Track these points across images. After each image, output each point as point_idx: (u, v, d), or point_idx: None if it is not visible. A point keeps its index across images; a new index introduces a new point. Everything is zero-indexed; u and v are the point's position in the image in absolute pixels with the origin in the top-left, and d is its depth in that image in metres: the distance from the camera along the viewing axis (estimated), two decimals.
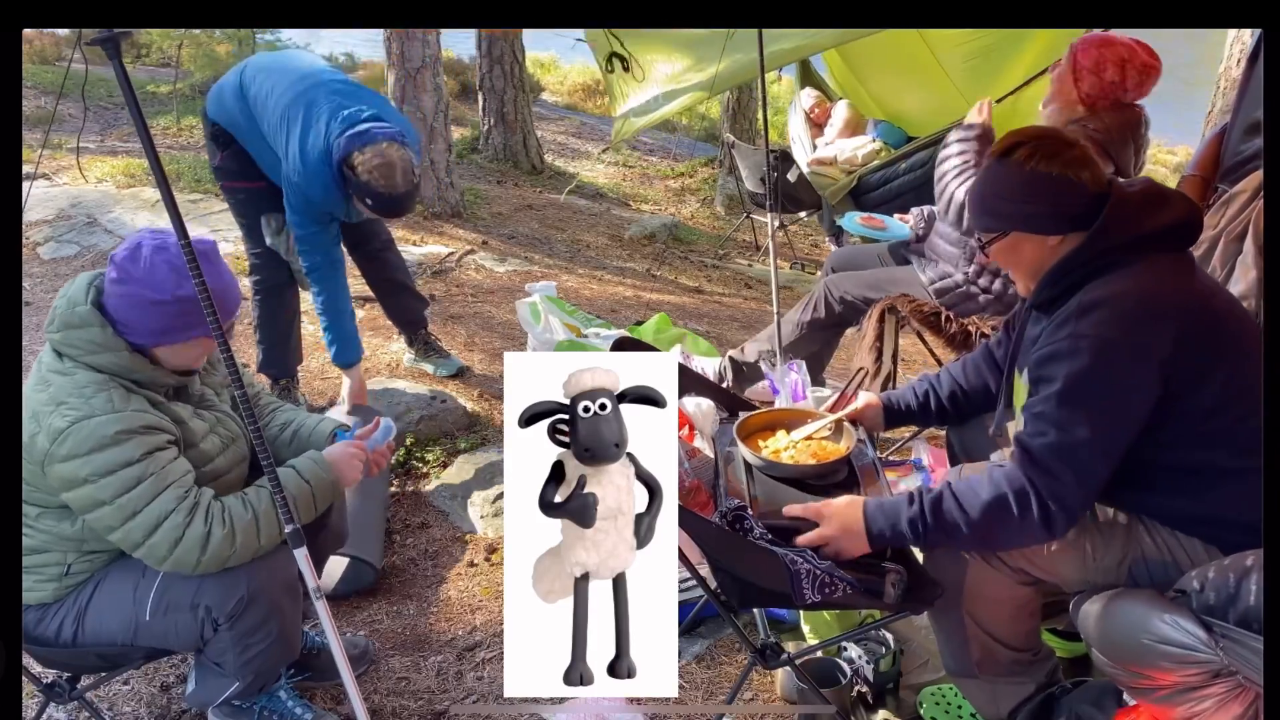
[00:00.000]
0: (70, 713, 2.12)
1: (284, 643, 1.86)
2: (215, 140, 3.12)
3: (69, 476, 1.67)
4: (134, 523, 1.69)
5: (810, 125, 6.31)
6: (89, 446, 1.66)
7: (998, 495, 1.60)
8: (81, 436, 1.66)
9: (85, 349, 1.73)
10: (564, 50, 12.98)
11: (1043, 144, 1.69)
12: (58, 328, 1.74)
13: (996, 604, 1.78)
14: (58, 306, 1.76)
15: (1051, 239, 1.71)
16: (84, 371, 1.72)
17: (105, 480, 1.67)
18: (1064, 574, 1.73)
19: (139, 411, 1.72)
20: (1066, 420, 1.57)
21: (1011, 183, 1.70)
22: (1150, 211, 1.65)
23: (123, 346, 1.74)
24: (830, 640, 2.19)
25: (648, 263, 6.12)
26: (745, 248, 7.10)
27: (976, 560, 1.75)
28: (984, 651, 1.82)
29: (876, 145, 5.76)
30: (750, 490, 1.85)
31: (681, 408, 2.07)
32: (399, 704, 2.18)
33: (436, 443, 3.23)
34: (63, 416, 1.67)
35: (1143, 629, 1.51)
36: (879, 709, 2.13)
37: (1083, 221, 1.67)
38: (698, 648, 2.35)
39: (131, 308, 1.73)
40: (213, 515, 1.72)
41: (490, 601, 2.57)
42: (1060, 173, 1.66)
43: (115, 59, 1.51)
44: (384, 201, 2.76)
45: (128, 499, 1.67)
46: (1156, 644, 1.49)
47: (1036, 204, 1.69)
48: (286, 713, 2.04)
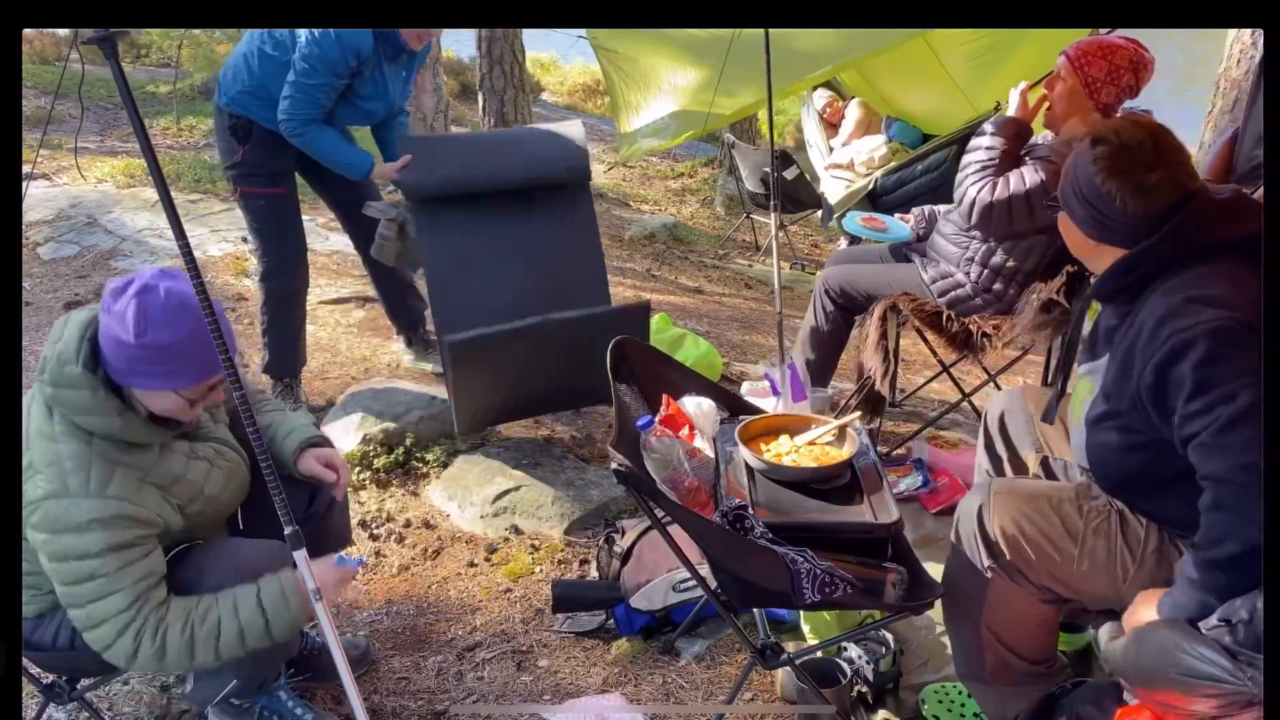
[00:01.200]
0: (70, 713, 2.12)
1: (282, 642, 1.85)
2: (235, 134, 3.10)
3: (34, 544, 1.65)
4: (75, 613, 1.66)
5: (824, 126, 6.30)
6: (55, 526, 1.62)
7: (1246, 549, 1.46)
8: (51, 514, 1.62)
9: (75, 409, 1.65)
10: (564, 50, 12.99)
11: (1123, 156, 1.64)
12: (48, 381, 1.66)
13: (1017, 619, 1.77)
14: (48, 357, 1.67)
15: (1090, 240, 1.72)
16: (70, 441, 1.65)
17: (59, 565, 1.63)
18: (1094, 593, 1.72)
19: (116, 499, 1.65)
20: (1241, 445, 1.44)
21: (1078, 169, 1.70)
22: (1232, 219, 1.61)
23: (113, 410, 1.66)
24: (830, 640, 2.19)
25: (648, 263, 6.12)
26: (745, 248, 7.10)
27: (1000, 576, 1.74)
28: (999, 662, 1.82)
29: (892, 146, 5.74)
30: (752, 494, 1.85)
31: (681, 407, 2.07)
32: (399, 704, 2.18)
33: (436, 443, 3.23)
34: (37, 487, 1.63)
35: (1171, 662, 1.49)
36: (879, 709, 2.12)
37: (1119, 239, 1.66)
38: (698, 648, 2.35)
39: (105, 339, 1.66)
40: (144, 633, 1.65)
41: (490, 601, 2.57)
42: (1111, 190, 1.63)
43: (112, 59, 1.50)
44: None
45: (72, 591, 1.64)
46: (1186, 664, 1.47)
47: (1083, 202, 1.69)
48: (286, 713, 2.03)
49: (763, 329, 4.86)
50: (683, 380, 2.21)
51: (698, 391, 2.19)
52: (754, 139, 8.48)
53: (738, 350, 4.38)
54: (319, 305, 4.37)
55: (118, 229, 5.14)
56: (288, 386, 3.41)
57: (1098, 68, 2.67)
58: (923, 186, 5.32)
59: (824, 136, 6.25)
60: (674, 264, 6.21)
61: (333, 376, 3.76)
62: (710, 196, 8.44)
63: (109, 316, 1.65)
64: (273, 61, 3.00)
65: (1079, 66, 2.69)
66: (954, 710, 2.05)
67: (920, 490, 2.92)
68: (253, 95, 3.05)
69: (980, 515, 1.78)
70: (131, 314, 1.62)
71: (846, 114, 6.15)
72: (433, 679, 2.29)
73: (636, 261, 6.12)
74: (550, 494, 2.92)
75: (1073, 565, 1.69)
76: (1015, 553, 1.73)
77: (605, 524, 2.80)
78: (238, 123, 3.09)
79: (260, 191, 3.18)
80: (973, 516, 1.79)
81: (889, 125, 6.01)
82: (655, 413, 1.99)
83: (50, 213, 5.37)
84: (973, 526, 1.79)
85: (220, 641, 1.70)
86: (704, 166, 9.25)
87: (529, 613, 2.52)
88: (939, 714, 2.05)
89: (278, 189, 3.19)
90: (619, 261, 6.03)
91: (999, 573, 1.75)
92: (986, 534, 1.76)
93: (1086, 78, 2.68)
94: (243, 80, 3.04)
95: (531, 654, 2.37)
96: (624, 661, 2.31)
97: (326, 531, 2.09)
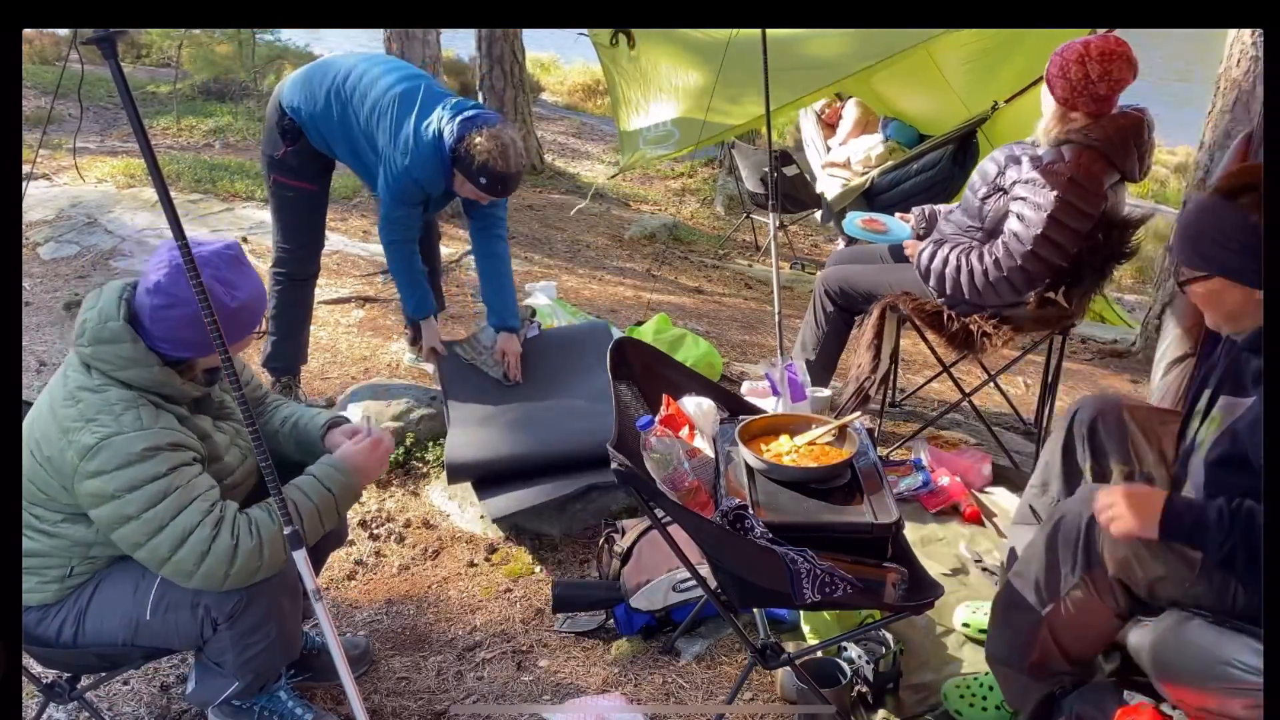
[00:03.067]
0: (70, 713, 2.12)
1: (283, 643, 1.87)
2: (284, 134, 3.13)
3: (96, 492, 1.68)
4: (160, 538, 1.68)
5: (822, 126, 6.31)
6: (117, 463, 1.67)
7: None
8: (110, 453, 1.67)
9: (116, 364, 1.73)
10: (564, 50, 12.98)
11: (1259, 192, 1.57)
12: (88, 341, 1.74)
13: (1085, 625, 1.75)
14: (87, 319, 1.75)
15: (1259, 293, 1.59)
16: (114, 388, 1.73)
17: (131, 495, 1.67)
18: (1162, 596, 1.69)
19: (166, 429, 1.73)
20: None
21: (1233, 229, 1.60)
22: None
23: (154, 361, 1.75)
24: (830, 640, 2.19)
25: (648, 263, 6.12)
26: (745, 248, 7.10)
27: (1087, 588, 1.72)
28: (1045, 658, 1.80)
29: (889, 145, 5.75)
30: (752, 494, 1.85)
31: (681, 407, 2.07)
32: (399, 704, 2.18)
33: (436, 443, 3.22)
34: (92, 433, 1.68)
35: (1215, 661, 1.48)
36: (879, 709, 2.12)
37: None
38: (698, 648, 2.35)
39: (186, 327, 1.74)
40: (239, 528, 1.72)
41: (490, 601, 2.57)
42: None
43: (111, 59, 1.50)
44: (497, 179, 2.92)
45: (153, 513, 1.68)
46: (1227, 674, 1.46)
47: (1254, 257, 1.57)
48: (286, 713, 2.04)
49: (763, 329, 4.85)
50: (683, 380, 2.21)
51: (698, 391, 2.19)
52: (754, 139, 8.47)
53: (738, 350, 4.38)
54: (319, 305, 4.36)
55: (118, 229, 5.14)
56: (287, 386, 3.41)
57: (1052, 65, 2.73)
58: (918, 186, 5.34)
59: (821, 136, 6.25)
60: (674, 264, 6.21)
61: (333, 376, 3.77)
62: (710, 196, 8.44)
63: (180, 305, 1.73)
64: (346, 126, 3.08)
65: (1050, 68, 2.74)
66: (976, 705, 2.04)
67: (920, 490, 2.92)
68: (315, 127, 3.12)
69: (1090, 527, 1.73)
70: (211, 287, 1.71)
71: (844, 114, 6.15)
72: (433, 679, 2.29)
73: (636, 261, 6.12)
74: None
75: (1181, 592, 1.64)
76: (1121, 567, 1.68)
77: (605, 524, 2.80)
78: (290, 125, 3.13)
79: (292, 184, 3.23)
80: (1079, 526, 1.74)
81: (885, 125, 6.02)
82: (655, 413, 1.99)
83: (50, 213, 5.38)
84: (1077, 534, 1.74)
85: (305, 523, 1.79)
86: (704, 166, 9.25)
87: (529, 613, 2.52)
88: (961, 709, 2.05)
89: (311, 186, 3.25)
90: (619, 261, 6.04)
91: (1088, 585, 1.72)
92: (1091, 544, 1.72)
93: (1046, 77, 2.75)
94: (314, 110, 3.09)
95: (531, 654, 2.37)
96: (624, 661, 2.31)
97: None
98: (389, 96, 3.00)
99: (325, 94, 3.07)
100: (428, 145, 2.93)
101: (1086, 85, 2.67)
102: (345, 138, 3.10)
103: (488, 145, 2.87)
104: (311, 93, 3.10)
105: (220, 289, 1.75)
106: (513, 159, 2.91)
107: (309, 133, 3.14)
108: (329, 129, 3.11)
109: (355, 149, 3.12)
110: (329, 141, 3.14)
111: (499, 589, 2.62)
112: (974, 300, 2.91)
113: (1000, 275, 2.82)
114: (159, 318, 1.75)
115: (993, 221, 2.90)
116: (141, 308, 1.76)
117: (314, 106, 3.09)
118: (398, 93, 3.00)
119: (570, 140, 10.03)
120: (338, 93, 3.06)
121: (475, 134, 2.88)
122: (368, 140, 3.06)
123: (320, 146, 3.17)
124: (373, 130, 3.03)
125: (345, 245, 5.28)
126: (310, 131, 3.13)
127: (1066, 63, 2.69)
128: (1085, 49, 2.67)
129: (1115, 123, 2.72)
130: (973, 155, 5.31)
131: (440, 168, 2.96)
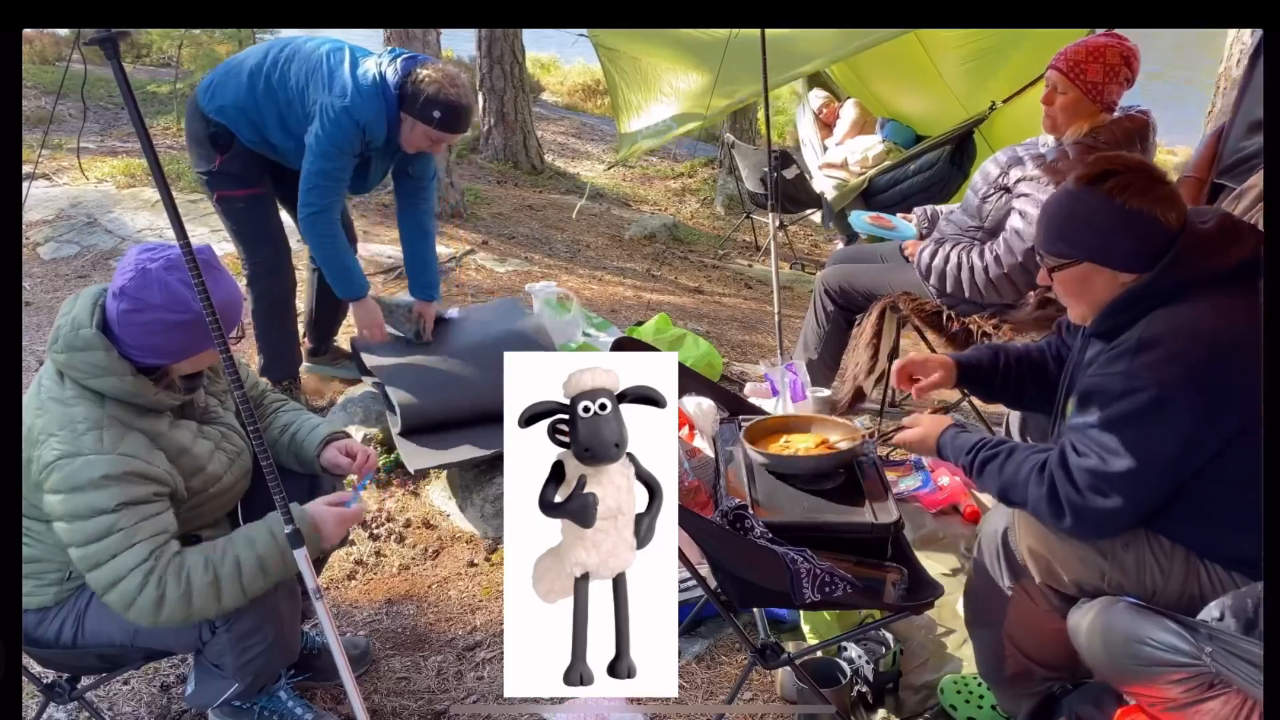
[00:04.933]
0: (70, 713, 2.12)
1: (282, 645, 1.86)
2: (213, 142, 3.01)
3: (51, 509, 1.66)
4: (95, 574, 1.65)
5: (820, 126, 6.31)
6: (68, 486, 1.63)
7: (1035, 491, 1.64)
8: (62, 475, 1.63)
9: (88, 372, 1.69)
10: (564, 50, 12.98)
11: (1136, 177, 1.63)
12: (61, 348, 1.70)
13: (1037, 631, 1.77)
14: (61, 325, 1.72)
15: (1124, 275, 1.66)
16: (82, 404, 1.69)
17: (75, 524, 1.64)
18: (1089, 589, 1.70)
19: (127, 456, 1.67)
20: (1109, 449, 1.56)
21: (1096, 213, 1.65)
22: (1224, 247, 1.60)
23: (127, 370, 1.70)
24: (830, 640, 2.19)
25: (648, 263, 6.12)
26: (745, 248, 7.10)
27: (1022, 594, 1.74)
28: (1019, 669, 1.82)
29: (886, 145, 5.75)
30: (752, 493, 1.85)
31: (681, 407, 2.07)
32: (399, 704, 2.18)
33: None
34: (51, 450, 1.65)
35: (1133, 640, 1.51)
36: (879, 709, 2.13)
37: (1157, 262, 1.62)
38: (698, 648, 2.35)
39: (154, 333, 1.70)
40: (167, 581, 1.65)
41: (490, 601, 2.57)
42: (1149, 210, 1.61)
43: (114, 59, 1.51)
44: (453, 110, 2.81)
45: (92, 549, 1.64)
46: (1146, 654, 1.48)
47: (1120, 239, 1.64)
48: (287, 713, 2.04)
49: (763, 329, 4.85)
50: (683, 380, 2.21)
51: (698, 391, 2.19)
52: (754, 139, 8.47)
53: (738, 350, 4.38)
54: None
55: (118, 229, 5.14)
56: (287, 389, 3.40)
57: (1095, 71, 2.67)
58: (916, 186, 5.35)
59: (819, 136, 6.26)
60: (674, 264, 6.21)
61: None
62: (710, 196, 8.44)
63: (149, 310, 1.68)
64: (273, 95, 2.96)
65: (1075, 76, 2.69)
66: (972, 701, 2.05)
67: (920, 490, 2.92)
68: (244, 114, 2.98)
69: (1005, 536, 1.76)
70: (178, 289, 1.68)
71: (842, 114, 6.16)
72: (433, 679, 2.29)
73: (636, 261, 6.12)
74: None
75: (1103, 580, 1.67)
76: (1044, 572, 1.71)
77: None
78: (219, 129, 3.00)
79: (238, 194, 3.09)
80: (997, 536, 1.77)
81: (882, 126, 6.03)
82: None
83: (50, 213, 5.37)
84: (996, 546, 1.77)
85: (244, 577, 1.70)
86: (704, 166, 9.25)
87: None
88: (956, 704, 2.06)
89: (255, 190, 3.10)
90: (619, 261, 6.04)
91: (1020, 591, 1.74)
92: (1011, 555, 1.75)
93: (1086, 85, 2.68)
94: (238, 97, 2.97)
95: None
96: None
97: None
98: (318, 54, 2.91)
99: (247, 75, 2.95)
100: (369, 87, 2.81)
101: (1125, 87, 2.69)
102: (275, 113, 2.96)
103: (435, 76, 2.79)
104: (230, 84, 2.97)
105: (190, 292, 1.68)
106: (464, 89, 2.85)
107: (239, 129, 3.00)
108: (256, 111, 2.97)
109: (286, 124, 2.97)
110: (260, 126, 2.99)
111: (499, 589, 2.62)
112: (974, 299, 2.91)
113: (1001, 273, 2.82)
114: (126, 323, 1.70)
115: (994, 221, 2.90)
116: (111, 314, 1.71)
117: (237, 95, 2.96)
118: (326, 50, 2.93)
119: (570, 140, 10.02)
120: (259, 69, 2.95)
121: (420, 69, 2.81)
122: (301, 105, 2.92)
123: (252, 140, 3.02)
124: (304, 90, 2.89)
125: None
126: (240, 125, 2.99)
127: (1111, 66, 2.65)
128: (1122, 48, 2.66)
129: (1121, 125, 2.72)
130: (970, 156, 5.32)
131: (383, 110, 2.83)
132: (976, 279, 2.86)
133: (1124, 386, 1.57)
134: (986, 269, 2.84)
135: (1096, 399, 1.61)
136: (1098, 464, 1.57)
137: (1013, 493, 1.69)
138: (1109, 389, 1.59)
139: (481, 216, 6.30)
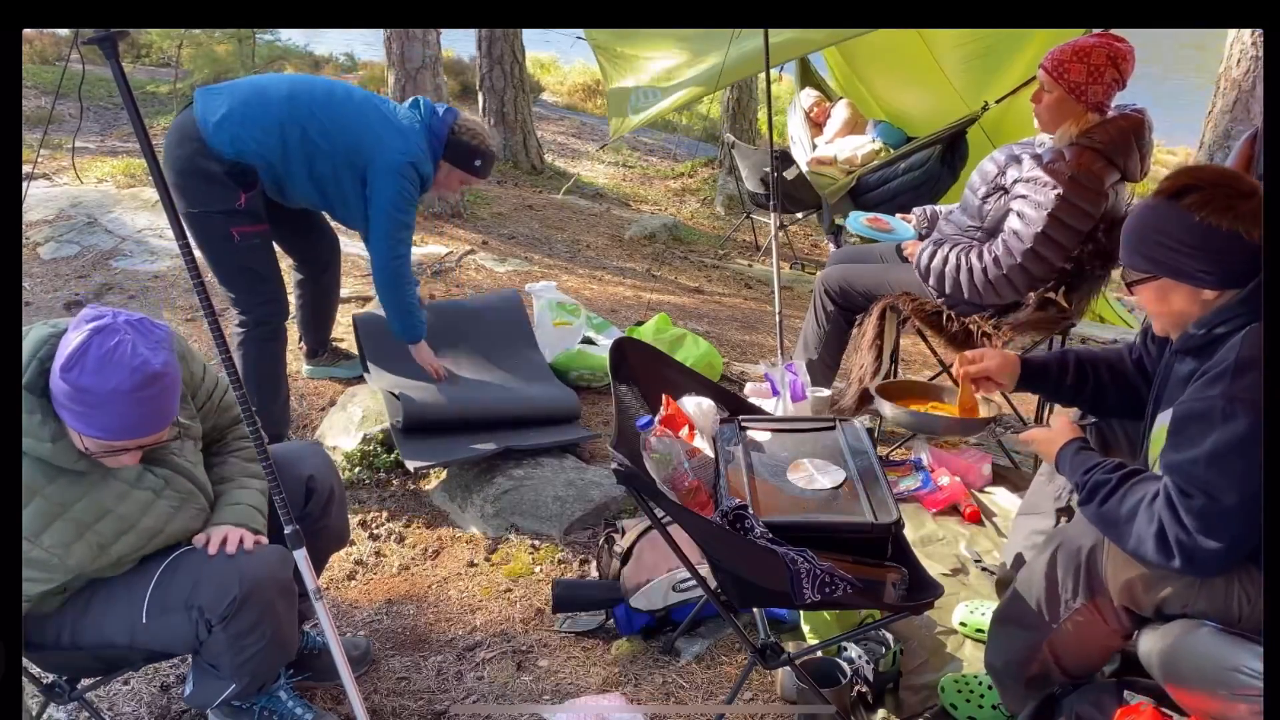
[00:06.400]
0: (70, 713, 2.12)
1: (279, 644, 1.85)
2: (237, 181, 2.86)
3: None
4: None
5: (809, 125, 6.32)
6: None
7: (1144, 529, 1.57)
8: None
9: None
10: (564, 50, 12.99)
11: (1218, 192, 1.57)
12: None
13: (1086, 645, 1.75)
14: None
15: (1207, 293, 1.61)
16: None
17: None
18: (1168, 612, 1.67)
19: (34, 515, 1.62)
20: (1216, 486, 1.50)
21: (1177, 229, 1.60)
22: None
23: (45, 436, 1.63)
24: (830, 640, 2.19)
25: (648, 263, 6.12)
26: (745, 248, 7.10)
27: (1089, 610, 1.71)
28: (1042, 672, 1.80)
29: (876, 145, 5.76)
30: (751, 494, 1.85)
31: (681, 407, 2.07)
32: (399, 704, 2.18)
33: None
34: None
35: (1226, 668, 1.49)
36: (879, 709, 2.12)
37: (1244, 279, 1.57)
38: (698, 648, 2.35)
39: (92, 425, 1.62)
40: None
41: (490, 601, 2.57)
42: (1232, 228, 1.55)
43: (112, 59, 1.51)
44: (490, 159, 3.10)
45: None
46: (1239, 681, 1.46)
47: (1200, 258, 1.58)
48: (286, 713, 2.04)
49: (763, 329, 4.86)
50: (683, 380, 2.21)
51: (698, 391, 2.19)
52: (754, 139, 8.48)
53: (738, 350, 4.38)
54: None
55: (118, 229, 5.14)
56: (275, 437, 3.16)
57: (1077, 72, 2.68)
58: (905, 185, 5.36)
59: (809, 134, 6.26)
60: (674, 264, 6.21)
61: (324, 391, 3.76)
62: (710, 196, 8.44)
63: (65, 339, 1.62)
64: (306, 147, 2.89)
65: (1058, 75, 2.70)
66: (973, 700, 2.05)
67: (920, 490, 2.92)
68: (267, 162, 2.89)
69: (1092, 556, 1.72)
70: (73, 347, 1.59)
71: (833, 113, 6.16)
72: (433, 679, 2.29)
73: (636, 261, 6.12)
74: (550, 494, 2.92)
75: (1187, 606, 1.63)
76: (1126, 595, 1.67)
77: (605, 524, 2.80)
78: (243, 169, 2.86)
79: (254, 230, 2.96)
80: (1081, 554, 1.73)
81: (873, 127, 6.04)
82: (655, 413, 1.99)
83: (50, 213, 5.37)
84: (1079, 563, 1.73)
85: None
86: (704, 166, 9.25)
87: (529, 613, 2.52)
88: (957, 703, 2.06)
89: (263, 226, 2.99)
90: (619, 261, 6.04)
91: (1092, 609, 1.71)
92: (1094, 574, 1.71)
93: (1069, 84, 2.70)
94: (264, 145, 2.85)
95: (531, 654, 2.37)
96: (624, 661, 2.31)
97: (325, 530, 2.09)
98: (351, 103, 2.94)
99: (277, 126, 2.86)
100: (418, 139, 2.97)
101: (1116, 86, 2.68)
102: (304, 165, 2.91)
103: (477, 129, 3.04)
104: (253, 132, 2.84)
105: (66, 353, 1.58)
106: (494, 139, 3.13)
107: (263, 174, 2.90)
108: (284, 163, 2.90)
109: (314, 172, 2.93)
110: (283, 175, 2.93)
111: (499, 589, 2.62)
112: (974, 299, 2.91)
113: (1000, 274, 2.82)
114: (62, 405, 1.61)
115: (993, 221, 2.90)
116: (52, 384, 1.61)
117: (263, 143, 2.85)
118: (359, 99, 2.99)
119: (570, 140, 10.03)
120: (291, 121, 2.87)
121: (461, 121, 3.04)
122: (331, 156, 2.90)
123: (268, 181, 2.94)
124: (335, 141, 2.88)
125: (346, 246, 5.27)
126: (265, 171, 2.90)
127: (1097, 67, 2.66)
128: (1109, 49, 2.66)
129: (1117, 124, 2.72)
130: (961, 156, 5.33)
131: (431, 160, 3.02)
132: (975, 280, 2.87)
133: (1226, 411, 1.50)
134: (985, 270, 2.84)
135: (1195, 425, 1.54)
136: (1206, 503, 1.50)
137: (1114, 530, 1.63)
138: (1210, 414, 1.52)
139: (481, 216, 6.30)
